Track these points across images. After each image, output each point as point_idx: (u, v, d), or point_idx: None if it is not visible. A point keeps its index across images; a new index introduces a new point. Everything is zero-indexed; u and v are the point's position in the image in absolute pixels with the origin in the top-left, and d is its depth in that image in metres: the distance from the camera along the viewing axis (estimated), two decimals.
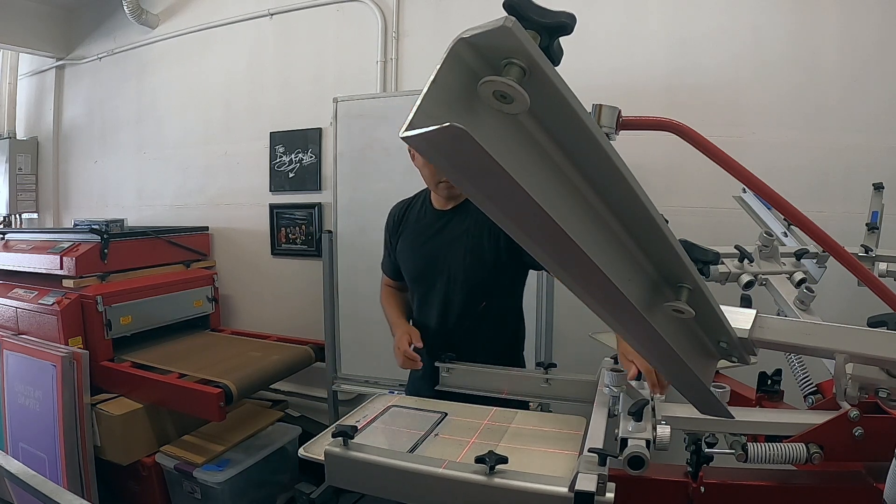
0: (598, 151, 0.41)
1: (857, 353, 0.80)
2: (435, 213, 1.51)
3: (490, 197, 0.39)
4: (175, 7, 3.36)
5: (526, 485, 0.83)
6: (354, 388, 2.61)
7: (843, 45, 2.01)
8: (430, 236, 1.50)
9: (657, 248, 0.51)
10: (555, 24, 0.37)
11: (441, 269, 1.47)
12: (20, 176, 3.99)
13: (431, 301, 1.50)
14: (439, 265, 1.47)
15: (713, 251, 0.60)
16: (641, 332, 0.55)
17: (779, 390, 1.13)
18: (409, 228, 1.56)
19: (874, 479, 0.87)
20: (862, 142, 2.00)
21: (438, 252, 1.47)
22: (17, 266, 2.64)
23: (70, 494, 0.83)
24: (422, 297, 1.53)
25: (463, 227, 1.44)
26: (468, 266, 1.43)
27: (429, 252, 1.49)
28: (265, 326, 3.02)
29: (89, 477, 2.16)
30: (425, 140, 0.31)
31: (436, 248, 1.48)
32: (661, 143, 1.95)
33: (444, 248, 1.46)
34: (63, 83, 3.95)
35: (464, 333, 1.46)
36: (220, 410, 2.01)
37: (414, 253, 1.53)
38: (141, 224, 3.41)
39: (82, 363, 2.17)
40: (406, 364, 1.41)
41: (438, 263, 1.47)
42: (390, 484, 0.92)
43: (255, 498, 2.22)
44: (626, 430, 0.86)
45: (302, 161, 2.94)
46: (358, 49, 2.78)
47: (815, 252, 1.39)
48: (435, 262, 1.48)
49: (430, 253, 1.49)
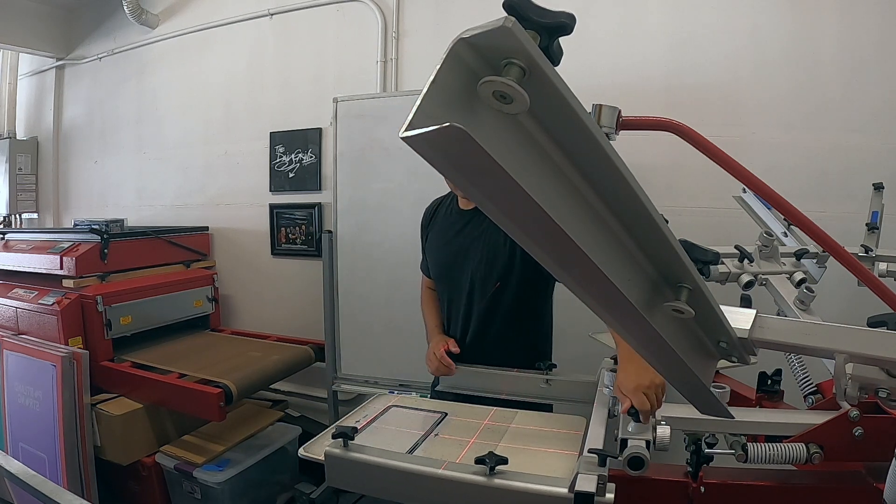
0: (598, 151, 0.41)
1: (857, 353, 0.79)
2: (459, 212, 1.52)
3: (490, 197, 0.38)
4: (175, 7, 3.36)
5: (526, 485, 0.83)
6: (354, 388, 2.61)
7: (842, 45, 2.01)
8: (452, 236, 1.51)
9: (657, 248, 0.51)
10: (555, 24, 0.37)
11: (463, 268, 1.48)
12: (20, 176, 3.99)
13: (454, 299, 1.52)
14: (460, 264, 1.49)
15: (713, 251, 0.60)
16: (641, 333, 0.55)
17: (779, 390, 1.13)
18: (436, 227, 1.58)
19: (874, 479, 0.87)
20: (862, 141, 2.00)
21: (459, 251, 1.49)
22: (17, 266, 2.63)
23: (70, 494, 0.83)
24: (447, 296, 1.56)
25: (482, 228, 1.45)
26: (485, 267, 1.44)
27: (451, 251, 1.51)
28: (265, 326, 3.02)
29: (89, 477, 2.16)
30: (425, 140, 0.31)
31: (457, 247, 1.49)
32: (661, 143, 1.95)
33: (464, 248, 1.48)
34: (63, 83, 3.94)
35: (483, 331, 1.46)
36: (220, 410, 2.01)
37: (438, 252, 1.56)
38: (141, 224, 3.40)
39: (82, 363, 2.17)
40: (440, 370, 1.42)
41: (459, 263, 1.49)
42: (390, 485, 0.93)
43: (255, 498, 2.22)
44: (625, 431, 0.86)
45: (302, 161, 2.94)
46: (358, 49, 2.78)
47: (815, 252, 1.39)
48: (455, 261, 1.49)
49: (451, 252, 1.51)
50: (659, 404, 0.92)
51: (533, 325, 1.51)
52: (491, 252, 1.42)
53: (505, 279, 1.42)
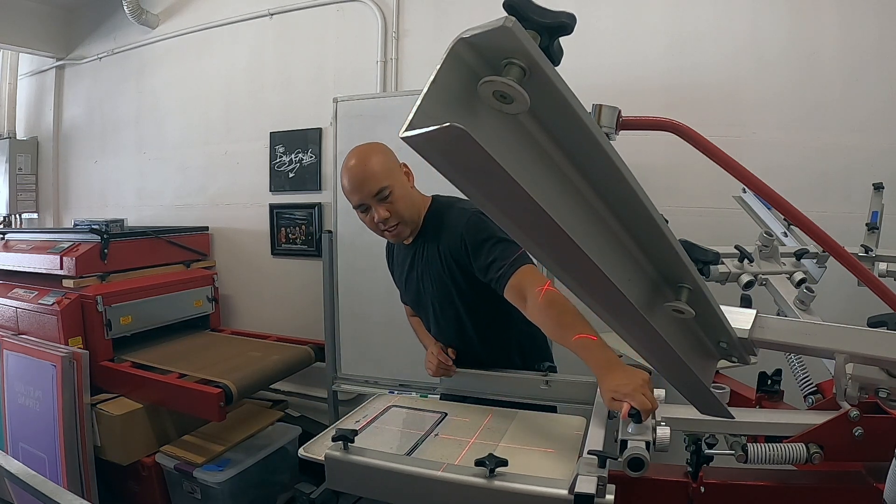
0: (598, 151, 0.41)
1: (857, 353, 0.80)
2: (405, 248, 1.52)
3: (490, 197, 0.38)
4: (175, 7, 3.36)
5: (525, 487, 0.83)
6: (354, 388, 2.61)
7: (842, 45, 2.01)
8: (407, 271, 1.52)
9: (657, 248, 0.51)
10: (555, 24, 0.37)
11: (423, 300, 1.50)
12: (20, 176, 3.99)
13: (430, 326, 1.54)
14: (421, 296, 1.50)
15: (713, 251, 0.60)
16: (641, 332, 0.55)
17: (779, 390, 1.13)
18: (396, 262, 1.59)
19: (874, 479, 0.87)
20: (862, 141, 2.00)
21: (416, 284, 1.49)
22: (17, 266, 2.63)
23: (70, 494, 0.83)
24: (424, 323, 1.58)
25: (424, 260, 1.45)
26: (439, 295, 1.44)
27: (411, 286, 1.52)
28: (265, 326, 3.02)
29: (89, 477, 2.16)
30: (425, 140, 0.31)
31: (413, 281, 1.50)
32: (661, 143, 1.95)
33: (418, 280, 1.48)
34: (63, 83, 3.94)
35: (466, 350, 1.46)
36: (220, 410, 2.01)
37: (403, 287, 1.58)
38: (141, 224, 3.40)
39: (82, 363, 2.17)
40: (439, 371, 1.43)
41: (420, 295, 1.50)
42: (390, 487, 0.92)
43: (255, 498, 2.21)
44: (625, 432, 0.86)
45: (302, 161, 2.94)
46: (358, 49, 2.78)
47: (815, 252, 1.39)
48: (417, 294, 1.51)
49: (412, 287, 1.52)
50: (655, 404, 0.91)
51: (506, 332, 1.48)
52: (439, 278, 1.42)
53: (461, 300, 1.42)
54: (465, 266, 1.35)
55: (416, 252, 1.47)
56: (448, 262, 1.38)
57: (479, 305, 1.41)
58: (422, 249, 1.45)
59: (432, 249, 1.42)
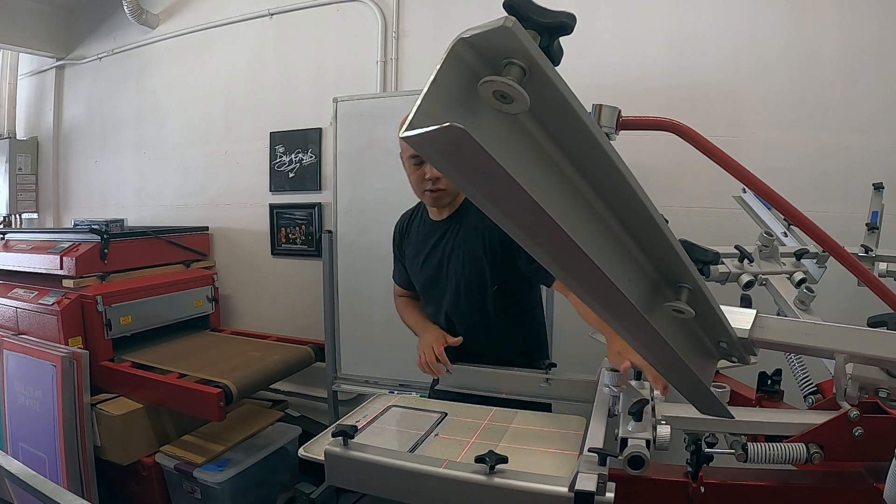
0: (598, 151, 0.41)
1: (857, 353, 0.80)
2: (431, 224, 1.52)
3: (490, 197, 0.38)
4: (175, 7, 3.36)
5: (526, 484, 0.83)
6: (354, 388, 2.61)
7: (842, 45, 2.01)
8: (429, 250, 1.51)
9: (657, 248, 0.51)
10: (555, 23, 0.37)
11: (446, 281, 1.48)
12: (20, 176, 3.99)
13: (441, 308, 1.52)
14: (443, 278, 1.48)
15: (713, 251, 0.60)
16: (641, 332, 0.55)
17: (779, 390, 1.13)
18: (412, 243, 1.58)
19: (874, 479, 0.87)
20: (862, 141, 2.00)
21: (440, 265, 1.48)
22: (17, 266, 2.63)
23: (70, 494, 0.83)
24: (433, 307, 1.56)
25: (458, 238, 1.45)
26: (468, 276, 1.44)
27: (432, 265, 1.51)
28: (265, 326, 3.02)
29: (89, 477, 2.16)
30: (425, 140, 0.31)
31: (437, 261, 1.49)
32: (661, 143, 1.95)
33: (444, 261, 1.48)
34: (63, 83, 3.94)
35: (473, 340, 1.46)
36: (220, 410, 2.01)
37: (419, 267, 1.55)
38: (141, 224, 3.40)
39: (82, 363, 2.16)
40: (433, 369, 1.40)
41: (442, 276, 1.48)
42: (390, 483, 0.92)
43: (255, 498, 2.22)
44: (626, 430, 0.86)
45: (302, 161, 2.94)
46: (358, 49, 2.78)
47: (815, 252, 1.39)
48: (439, 271, 1.49)
49: (433, 266, 1.50)
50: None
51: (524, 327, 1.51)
52: (473, 259, 1.42)
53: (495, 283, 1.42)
54: (510, 250, 1.36)
55: (448, 229, 1.47)
56: (492, 243, 1.39)
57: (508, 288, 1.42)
58: (457, 227, 1.45)
59: (470, 229, 1.42)
